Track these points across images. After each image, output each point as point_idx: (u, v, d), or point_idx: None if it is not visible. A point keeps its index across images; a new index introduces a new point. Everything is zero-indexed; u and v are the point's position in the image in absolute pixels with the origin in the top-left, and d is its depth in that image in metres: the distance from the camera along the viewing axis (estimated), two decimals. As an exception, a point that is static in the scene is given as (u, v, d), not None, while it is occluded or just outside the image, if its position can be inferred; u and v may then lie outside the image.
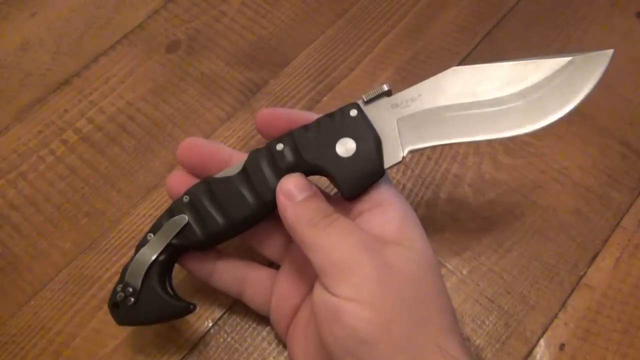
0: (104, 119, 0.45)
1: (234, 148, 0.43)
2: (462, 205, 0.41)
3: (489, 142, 0.43)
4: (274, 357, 0.36)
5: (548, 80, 0.31)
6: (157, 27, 0.50)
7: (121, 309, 0.32)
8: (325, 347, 0.28)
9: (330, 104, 0.45)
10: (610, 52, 0.31)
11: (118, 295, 0.32)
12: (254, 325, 0.37)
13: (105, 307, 0.32)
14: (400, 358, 0.26)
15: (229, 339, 0.37)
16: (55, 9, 0.51)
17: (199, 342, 0.37)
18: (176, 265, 0.35)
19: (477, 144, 0.42)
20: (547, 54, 0.32)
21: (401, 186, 0.42)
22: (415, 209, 0.40)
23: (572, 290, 0.37)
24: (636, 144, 0.42)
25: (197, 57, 0.48)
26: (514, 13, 0.49)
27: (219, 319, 0.37)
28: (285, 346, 0.36)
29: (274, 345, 0.36)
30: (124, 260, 0.39)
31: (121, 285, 0.32)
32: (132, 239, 0.40)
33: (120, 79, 0.47)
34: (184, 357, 0.36)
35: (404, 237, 0.30)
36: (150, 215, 0.41)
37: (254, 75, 0.47)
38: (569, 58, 0.31)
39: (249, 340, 0.37)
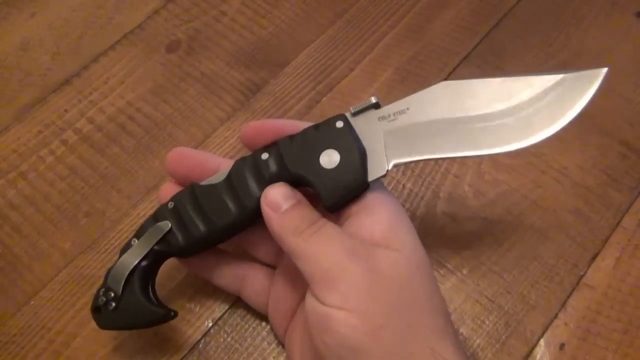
0: (104, 119, 0.45)
1: (233, 148, 0.44)
2: (462, 205, 0.41)
3: (482, 157, 0.42)
4: (274, 357, 0.36)
5: (538, 97, 0.30)
6: (157, 27, 0.50)
7: (103, 313, 0.32)
8: (318, 354, 0.28)
9: (330, 104, 0.45)
10: (604, 70, 0.30)
11: (100, 299, 0.32)
12: (254, 325, 0.37)
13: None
14: None
15: (229, 339, 0.37)
16: (55, 9, 0.51)
17: (199, 342, 0.37)
18: (176, 264, 0.35)
19: (464, 159, 0.42)
20: (531, 66, 0.32)
21: (401, 186, 0.42)
22: (415, 209, 0.41)
23: (572, 290, 0.37)
24: (636, 144, 0.42)
25: (197, 57, 0.48)
26: (514, 13, 0.49)
27: (219, 319, 0.37)
28: (284, 346, 0.36)
29: (274, 345, 0.36)
30: (124, 260, 0.39)
31: (103, 290, 0.32)
32: (132, 239, 0.40)
33: (120, 79, 0.47)
34: (184, 357, 0.36)
35: (393, 239, 0.29)
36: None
37: (254, 75, 0.47)
38: (561, 75, 0.31)
39: (249, 340, 0.37)
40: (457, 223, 0.40)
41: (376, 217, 0.30)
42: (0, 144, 0.45)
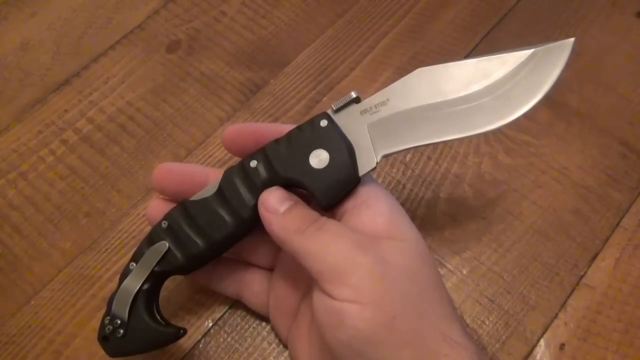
0: (104, 119, 0.45)
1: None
2: (462, 205, 0.41)
3: (466, 139, 0.43)
4: (274, 357, 0.36)
5: (512, 74, 0.31)
6: (157, 27, 0.50)
7: (111, 342, 0.32)
8: (330, 350, 0.28)
9: (330, 103, 0.45)
10: (571, 41, 0.31)
11: (106, 328, 0.32)
12: (254, 325, 0.37)
13: (106, 307, 0.32)
14: (406, 352, 0.26)
15: (229, 339, 0.37)
16: (55, 9, 0.51)
17: (199, 342, 0.37)
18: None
19: (449, 143, 0.43)
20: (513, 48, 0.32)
21: (401, 186, 0.42)
22: (415, 209, 0.41)
23: (572, 290, 0.37)
24: (636, 144, 0.42)
25: (197, 57, 0.48)
26: (514, 13, 0.49)
27: (219, 319, 0.37)
28: (285, 346, 0.36)
29: (274, 345, 0.36)
30: (124, 260, 0.39)
31: (109, 318, 0.32)
32: (132, 239, 0.40)
33: (120, 79, 0.47)
34: (184, 357, 0.36)
35: (395, 229, 0.30)
36: (150, 215, 0.41)
37: (254, 75, 0.47)
38: (531, 50, 0.31)
39: (249, 340, 0.37)
40: (457, 223, 0.40)
41: (375, 209, 0.30)
42: (0, 144, 0.45)
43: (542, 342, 0.36)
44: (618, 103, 0.44)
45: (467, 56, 0.47)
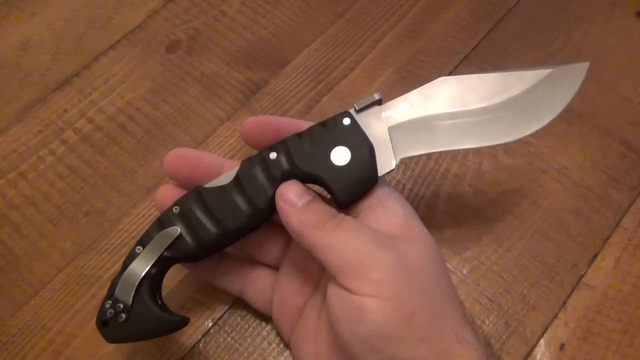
0: (104, 119, 0.45)
1: (233, 148, 0.44)
2: (462, 205, 0.41)
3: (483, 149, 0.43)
4: (274, 357, 0.36)
5: (530, 91, 0.32)
6: (157, 27, 0.50)
7: (111, 327, 0.31)
8: (345, 347, 0.28)
9: (330, 103, 0.45)
10: (587, 65, 0.32)
11: (108, 312, 0.31)
12: (254, 325, 0.37)
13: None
14: (422, 349, 0.27)
15: (229, 339, 0.37)
16: (55, 9, 0.51)
17: (199, 342, 0.37)
18: (175, 265, 0.34)
19: (465, 151, 0.43)
20: (530, 65, 0.33)
21: (401, 186, 0.42)
22: (415, 209, 0.40)
23: (572, 290, 0.37)
24: (636, 143, 0.42)
25: (197, 57, 0.48)
26: (514, 13, 0.49)
27: (219, 319, 0.37)
28: (286, 346, 0.36)
29: (274, 345, 0.36)
30: (124, 260, 0.39)
31: (110, 302, 0.31)
32: (132, 239, 0.40)
33: (120, 79, 0.47)
34: (184, 357, 0.36)
35: (410, 230, 0.30)
36: (150, 215, 0.41)
37: (254, 75, 0.47)
38: (549, 70, 0.32)
39: (249, 340, 0.37)
40: (457, 223, 0.40)
41: (391, 210, 0.31)
42: (0, 143, 0.45)
43: (542, 342, 0.36)
44: (618, 103, 0.44)
45: (467, 56, 0.47)
